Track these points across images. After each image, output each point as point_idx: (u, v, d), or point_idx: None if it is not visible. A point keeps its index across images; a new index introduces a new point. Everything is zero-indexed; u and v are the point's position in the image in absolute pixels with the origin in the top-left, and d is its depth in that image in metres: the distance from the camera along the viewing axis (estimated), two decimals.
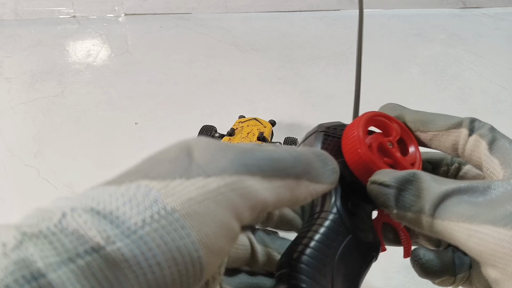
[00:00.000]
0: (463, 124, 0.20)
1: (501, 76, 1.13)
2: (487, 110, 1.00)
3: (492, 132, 0.19)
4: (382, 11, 1.50)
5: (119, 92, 1.08)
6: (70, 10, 1.48)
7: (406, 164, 0.19)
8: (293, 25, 1.41)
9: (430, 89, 1.08)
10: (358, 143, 0.19)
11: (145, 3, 1.49)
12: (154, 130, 0.94)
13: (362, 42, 0.21)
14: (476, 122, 0.19)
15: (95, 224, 0.10)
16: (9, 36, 1.37)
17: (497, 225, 0.14)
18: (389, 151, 0.20)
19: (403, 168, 0.19)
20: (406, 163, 0.19)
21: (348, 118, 0.25)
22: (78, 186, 0.80)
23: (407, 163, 0.20)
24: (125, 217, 0.11)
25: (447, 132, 0.20)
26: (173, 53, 1.26)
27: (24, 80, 1.14)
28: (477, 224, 0.14)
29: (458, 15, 1.48)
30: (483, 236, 0.14)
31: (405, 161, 0.20)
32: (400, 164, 0.19)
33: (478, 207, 0.15)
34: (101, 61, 1.23)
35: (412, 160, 0.20)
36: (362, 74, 0.27)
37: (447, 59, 1.21)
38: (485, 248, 0.14)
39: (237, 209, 0.13)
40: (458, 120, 0.20)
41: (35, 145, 0.91)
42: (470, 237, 0.14)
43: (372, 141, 0.19)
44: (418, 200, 0.16)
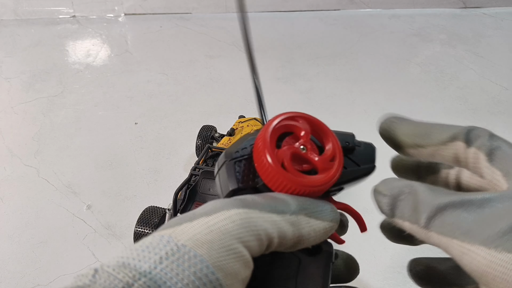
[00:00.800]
0: (459, 136, 0.19)
1: (501, 75, 1.13)
2: (487, 109, 1.00)
3: (491, 140, 0.18)
4: (382, 11, 1.50)
5: (119, 92, 1.08)
6: (70, 10, 1.48)
7: (325, 164, 0.18)
8: (293, 25, 1.41)
9: (431, 89, 1.08)
10: (269, 167, 0.17)
11: (145, 3, 1.49)
12: (154, 130, 0.94)
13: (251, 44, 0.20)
14: (473, 132, 0.18)
15: (121, 270, 0.13)
16: (9, 36, 1.37)
17: (488, 246, 0.14)
18: (305, 157, 0.19)
19: (323, 169, 0.18)
20: (325, 162, 0.18)
21: (348, 117, 0.25)
22: (78, 186, 0.80)
23: (326, 162, 0.18)
24: (145, 259, 0.13)
25: (445, 146, 0.19)
26: (173, 53, 1.26)
27: (24, 80, 1.14)
28: (469, 243, 0.14)
29: (459, 15, 1.48)
30: (475, 256, 0.14)
31: (323, 161, 0.18)
32: (319, 166, 0.18)
33: (471, 224, 0.15)
34: (101, 61, 1.23)
35: (331, 155, 0.19)
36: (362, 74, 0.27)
37: (447, 59, 1.21)
38: (477, 268, 0.14)
39: (241, 237, 0.14)
40: (453, 132, 0.19)
41: (34, 145, 0.91)
42: (463, 255, 0.14)
43: (284, 156, 0.18)
44: (414, 212, 0.16)
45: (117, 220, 0.73)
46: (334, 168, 0.18)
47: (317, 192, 0.18)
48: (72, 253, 0.67)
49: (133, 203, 0.76)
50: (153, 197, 0.77)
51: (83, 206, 0.75)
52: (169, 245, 0.13)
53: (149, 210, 0.65)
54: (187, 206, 0.60)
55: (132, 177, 0.81)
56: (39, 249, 0.68)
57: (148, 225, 0.62)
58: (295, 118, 0.20)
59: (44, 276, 0.64)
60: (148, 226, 0.62)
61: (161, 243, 0.14)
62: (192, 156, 0.86)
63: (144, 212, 0.64)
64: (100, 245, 0.68)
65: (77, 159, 0.87)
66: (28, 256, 0.67)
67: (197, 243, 0.14)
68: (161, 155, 0.87)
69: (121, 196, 0.77)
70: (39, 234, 0.70)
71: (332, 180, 0.18)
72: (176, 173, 0.82)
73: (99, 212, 0.74)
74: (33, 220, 0.73)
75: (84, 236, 0.70)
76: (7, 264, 0.66)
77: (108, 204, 0.76)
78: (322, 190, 0.18)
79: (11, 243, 0.69)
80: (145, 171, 0.83)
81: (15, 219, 0.73)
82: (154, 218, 0.63)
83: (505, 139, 0.18)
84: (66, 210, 0.75)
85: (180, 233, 0.14)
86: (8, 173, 0.83)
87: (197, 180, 0.62)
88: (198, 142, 0.82)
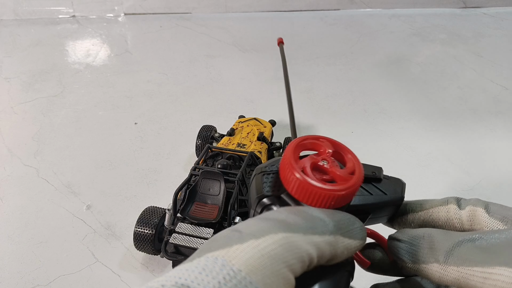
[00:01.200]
0: (449, 200, 0.21)
1: (501, 75, 1.13)
2: (487, 109, 1.00)
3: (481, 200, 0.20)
4: (382, 11, 1.50)
5: (119, 92, 1.08)
6: (69, 10, 1.48)
7: (345, 176, 0.20)
8: (293, 25, 1.41)
9: (431, 89, 1.08)
10: (292, 171, 0.19)
11: (144, 3, 1.48)
12: (154, 130, 0.94)
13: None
14: (462, 199, 0.21)
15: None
16: (9, 36, 1.37)
17: (511, 265, 0.15)
18: (325, 169, 0.20)
19: (343, 180, 0.20)
20: (344, 174, 0.20)
21: (348, 117, 0.25)
22: (77, 186, 0.80)
23: (346, 174, 0.20)
24: (204, 283, 0.13)
25: (437, 209, 0.21)
26: (173, 53, 1.26)
27: (23, 80, 1.14)
28: (491, 267, 0.15)
29: (459, 15, 1.48)
30: (498, 277, 0.15)
31: (343, 173, 0.20)
32: (338, 177, 0.20)
33: (490, 252, 0.16)
34: (101, 61, 1.23)
35: (350, 170, 0.20)
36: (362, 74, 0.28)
37: (447, 59, 1.21)
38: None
39: (288, 261, 0.15)
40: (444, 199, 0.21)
41: (34, 145, 0.91)
42: (486, 280, 0.15)
43: (304, 164, 0.20)
44: (431, 252, 0.18)
45: (117, 220, 0.72)
46: (354, 178, 0.20)
47: (338, 200, 0.19)
48: (72, 253, 0.67)
49: (133, 203, 0.76)
50: (153, 197, 0.77)
51: (82, 206, 0.75)
52: (225, 269, 0.14)
53: (149, 210, 0.64)
54: (187, 206, 0.60)
55: (132, 177, 0.81)
56: (38, 249, 0.68)
57: (148, 225, 0.62)
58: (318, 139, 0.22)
59: (43, 276, 0.64)
60: (148, 226, 0.62)
61: (217, 266, 0.14)
62: (192, 156, 0.86)
63: (144, 212, 0.64)
64: (100, 245, 0.68)
65: (77, 159, 0.86)
66: (27, 256, 0.67)
67: (251, 269, 0.14)
68: (161, 155, 0.87)
69: (120, 196, 0.77)
70: (38, 234, 0.70)
71: (352, 187, 0.19)
72: (176, 173, 0.82)
73: (99, 212, 0.74)
74: (32, 220, 0.73)
75: (84, 236, 0.70)
76: (6, 264, 0.66)
77: (108, 204, 0.76)
78: (342, 196, 0.19)
79: (10, 243, 0.69)
80: (145, 171, 0.83)
81: (14, 219, 0.73)
82: (154, 218, 0.62)
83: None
84: (65, 210, 0.75)
85: (233, 256, 0.14)
86: (8, 173, 0.83)
87: (197, 180, 0.62)
88: (198, 142, 0.82)
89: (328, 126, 0.94)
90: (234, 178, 0.61)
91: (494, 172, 0.82)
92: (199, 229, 0.57)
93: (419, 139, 0.91)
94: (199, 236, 0.56)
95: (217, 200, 0.60)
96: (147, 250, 0.62)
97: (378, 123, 0.95)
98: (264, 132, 0.79)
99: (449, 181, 0.80)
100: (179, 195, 0.61)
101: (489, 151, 0.87)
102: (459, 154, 0.87)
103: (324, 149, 0.21)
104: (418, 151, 0.87)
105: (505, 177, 0.81)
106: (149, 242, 0.61)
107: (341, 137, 0.91)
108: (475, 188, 0.78)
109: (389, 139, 0.91)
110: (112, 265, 0.65)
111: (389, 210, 0.22)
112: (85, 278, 0.63)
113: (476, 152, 0.87)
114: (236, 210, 0.60)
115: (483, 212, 0.19)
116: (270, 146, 0.79)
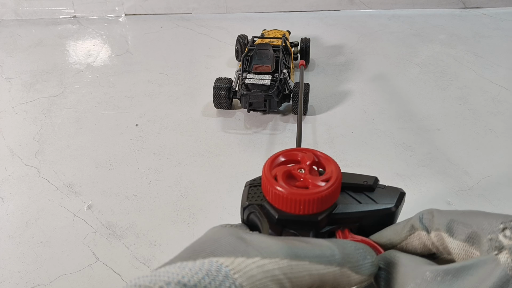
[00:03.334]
0: (415, 226, 0.20)
1: (501, 76, 1.13)
2: (486, 110, 1.00)
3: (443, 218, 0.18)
4: (382, 11, 1.50)
5: (120, 92, 1.09)
6: (70, 10, 1.48)
7: (315, 182, 0.21)
8: (293, 25, 1.41)
9: (430, 89, 1.08)
10: (266, 180, 0.21)
11: (145, 3, 1.49)
12: (154, 130, 0.94)
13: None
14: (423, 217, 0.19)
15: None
16: (10, 36, 1.37)
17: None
18: (299, 176, 0.22)
19: (313, 186, 0.21)
20: (315, 180, 0.21)
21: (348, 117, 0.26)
22: (78, 186, 0.80)
23: (317, 180, 0.21)
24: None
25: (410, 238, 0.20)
26: (173, 53, 1.26)
27: (24, 80, 1.14)
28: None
29: (458, 15, 1.48)
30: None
31: (314, 179, 0.21)
32: (310, 183, 0.21)
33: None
34: (102, 61, 1.23)
35: (325, 177, 0.21)
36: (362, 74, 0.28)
37: (447, 59, 1.21)
38: None
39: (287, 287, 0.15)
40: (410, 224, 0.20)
41: (35, 145, 0.91)
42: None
43: (276, 171, 0.21)
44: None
45: (117, 220, 0.73)
46: (326, 186, 0.20)
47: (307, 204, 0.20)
48: (73, 252, 0.67)
49: (134, 202, 0.76)
50: (153, 197, 0.77)
51: (83, 206, 0.76)
52: (228, 281, 0.14)
53: (220, 79, 0.95)
54: (250, 67, 0.93)
55: (132, 177, 0.82)
56: (39, 249, 0.68)
57: (222, 89, 0.93)
58: (302, 150, 0.23)
59: (44, 275, 0.64)
60: (221, 89, 0.93)
61: (220, 275, 0.14)
62: (192, 156, 0.86)
63: (217, 80, 0.95)
64: (101, 245, 0.69)
65: (77, 159, 0.87)
66: (28, 256, 0.67)
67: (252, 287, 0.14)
68: (162, 155, 0.87)
69: (121, 196, 0.77)
70: (39, 234, 0.71)
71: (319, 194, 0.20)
72: (176, 173, 0.82)
73: (100, 212, 0.74)
74: (33, 220, 0.73)
75: (85, 235, 0.70)
76: (7, 263, 0.66)
77: (109, 204, 0.76)
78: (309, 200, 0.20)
79: (11, 243, 0.69)
80: (145, 171, 0.83)
81: (15, 219, 0.74)
82: (225, 83, 0.94)
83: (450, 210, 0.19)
84: (66, 210, 0.75)
85: (238, 269, 0.15)
86: (9, 173, 0.84)
87: (254, 51, 0.95)
88: (236, 47, 1.16)
89: (328, 126, 0.94)
90: (278, 48, 0.95)
91: (493, 172, 0.82)
92: (261, 76, 0.90)
93: (419, 139, 0.91)
94: (262, 78, 0.89)
95: (269, 61, 0.93)
96: (223, 105, 0.94)
97: (378, 123, 0.95)
98: (285, 34, 1.11)
99: (448, 181, 0.80)
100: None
101: (488, 151, 0.88)
102: (458, 154, 0.87)
103: (304, 160, 0.22)
104: (418, 151, 0.88)
105: (505, 177, 0.81)
106: (224, 99, 0.93)
107: (340, 137, 0.91)
108: (475, 188, 0.78)
109: (389, 139, 0.91)
110: (113, 264, 0.65)
111: (382, 220, 0.22)
112: (86, 277, 0.64)
113: (475, 152, 0.87)
114: (282, 68, 0.92)
115: (447, 236, 0.18)
116: (290, 44, 1.10)
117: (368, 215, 0.22)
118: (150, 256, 0.66)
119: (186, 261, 0.15)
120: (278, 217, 0.21)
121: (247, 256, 0.15)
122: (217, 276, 0.14)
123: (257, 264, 0.15)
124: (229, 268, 0.14)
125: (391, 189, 0.23)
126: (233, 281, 0.14)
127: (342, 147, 0.88)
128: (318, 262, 0.16)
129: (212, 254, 0.15)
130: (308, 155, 0.23)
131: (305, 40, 1.15)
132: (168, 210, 0.74)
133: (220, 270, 0.14)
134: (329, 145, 0.89)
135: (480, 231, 0.16)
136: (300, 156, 0.23)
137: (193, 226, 0.72)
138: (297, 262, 0.16)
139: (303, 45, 1.13)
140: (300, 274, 0.16)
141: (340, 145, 0.89)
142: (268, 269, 0.15)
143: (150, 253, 0.67)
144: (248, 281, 0.14)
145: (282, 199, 0.20)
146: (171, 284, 0.13)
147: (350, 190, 0.23)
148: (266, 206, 0.21)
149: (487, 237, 0.16)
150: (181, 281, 0.14)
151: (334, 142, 0.90)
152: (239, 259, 0.15)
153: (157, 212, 0.74)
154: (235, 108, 0.97)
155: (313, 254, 0.17)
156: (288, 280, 0.15)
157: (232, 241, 0.16)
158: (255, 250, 0.15)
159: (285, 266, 0.15)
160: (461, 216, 0.18)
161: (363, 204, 0.22)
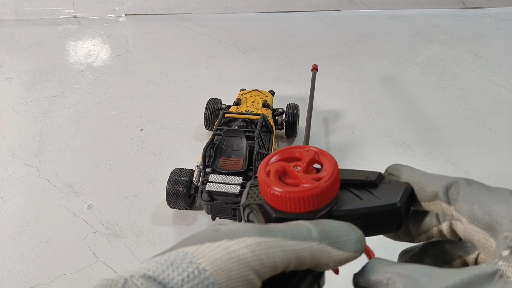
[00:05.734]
0: (440, 195, 0.19)
1: (501, 76, 1.13)
2: (486, 110, 1.00)
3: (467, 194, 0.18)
4: (382, 11, 1.51)
5: (120, 92, 1.09)
6: (70, 11, 1.48)
7: (307, 180, 0.21)
8: (293, 25, 1.41)
9: (430, 89, 1.08)
10: (260, 179, 0.21)
11: (145, 4, 1.49)
12: (155, 130, 0.95)
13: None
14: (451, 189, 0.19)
15: (148, 285, 0.14)
16: (10, 36, 1.37)
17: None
18: (293, 173, 0.21)
19: (308, 183, 0.20)
20: (308, 178, 0.21)
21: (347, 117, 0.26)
22: (79, 186, 0.80)
23: (309, 178, 0.21)
24: (169, 278, 0.14)
25: (432, 203, 0.20)
26: (173, 53, 1.26)
27: (24, 80, 1.14)
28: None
29: (458, 15, 1.48)
30: None
31: (307, 177, 0.21)
32: (301, 181, 0.21)
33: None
34: (102, 61, 1.23)
35: (319, 175, 0.21)
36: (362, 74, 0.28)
37: (447, 59, 1.21)
38: None
39: (257, 268, 0.15)
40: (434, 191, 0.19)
41: (35, 145, 0.91)
42: None
43: (271, 168, 0.22)
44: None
45: (117, 220, 0.73)
46: (316, 184, 0.20)
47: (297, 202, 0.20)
48: (73, 252, 0.68)
49: (134, 202, 0.76)
50: (153, 197, 0.77)
51: (84, 206, 0.76)
52: (192, 267, 0.14)
53: (177, 171, 0.72)
54: (214, 161, 0.67)
55: (132, 177, 0.82)
56: (40, 249, 0.68)
57: (179, 184, 0.69)
58: (302, 147, 0.23)
59: (44, 275, 0.64)
60: (179, 185, 0.69)
61: (184, 263, 0.14)
62: (192, 155, 0.86)
63: (173, 173, 0.71)
64: (101, 245, 0.69)
65: (78, 159, 0.87)
66: (28, 256, 0.67)
67: (217, 270, 0.14)
68: (162, 154, 0.87)
69: (121, 196, 0.78)
70: (40, 234, 0.71)
71: (312, 191, 0.20)
72: None
73: (100, 212, 0.74)
74: (34, 219, 0.73)
75: (85, 235, 0.70)
76: (8, 263, 0.66)
77: (109, 204, 0.76)
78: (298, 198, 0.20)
79: (12, 243, 0.69)
80: (145, 171, 0.83)
81: (16, 218, 0.74)
82: (183, 177, 0.70)
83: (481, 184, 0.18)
84: (67, 210, 0.75)
85: (202, 254, 0.15)
86: (9, 173, 0.84)
87: (221, 139, 0.70)
88: (206, 113, 0.90)
89: (328, 127, 0.94)
90: (253, 134, 0.70)
91: (493, 172, 0.82)
92: (229, 178, 0.65)
93: (419, 139, 0.91)
94: (230, 183, 0.64)
95: (241, 153, 0.68)
96: (179, 205, 0.71)
97: (378, 123, 0.96)
98: (267, 100, 0.87)
99: None
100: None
101: (488, 151, 0.88)
102: (458, 154, 0.87)
103: (303, 158, 0.22)
104: (418, 151, 0.88)
105: (505, 177, 0.81)
106: (181, 198, 0.69)
107: (340, 138, 0.91)
108: None
109: (389, 139, 0.91)
110: (113, 264, 0.66)
111: (387, 216, 0.21)
112: (86, 277, 0.64)
113: (475, 152, 0.87)
114: (259, 161, 0.67)
115: (466, 222, 0.18)
116: (274, 112, 0.87)
117: (370, 211, 0.21)
118: (150, 256, 0.66)
119: (157, 256, 0.15)
120: (275, 216, 0.20)
121: (214, 241, 0.15)
122: (181, 264, 0.14)
123: (223, 247, 0.15)
124: (193, 255, 0.15)
125: (396, 184, 0.22)
126: (197, 266, 0.14)
127: (342, 147, 0.89)
128: (292, 238, 0.16)
129: (181, 245, 0.15)
130: (308, 152, 0.22)
131: (292, 107, 0.88)
132: (168, 210, 0.74)
133: (185, 258, 0.14)
134: (329, 145, 0.89)
135: (498, 226, 0.16)
136: (298, 153, 0.23)
137: (193, 226, 0.72)
138: (268, 238, 0.16)
139: (289, 112, 0.87)
140: (271, 250, 0.15)
141: (340, 145, 0.89)
142: (233, 249, 0.15)
143: (150, 253, 0.67)
144: (212, 264, 0.14)
145: (276, 198, 0.20)
146: (134, 276, 0.14)
147: (352, 187, 0.22)
148: (264, 206, 0.21)
149: (503, 234, 0.16)
150: (146, 274, 0.14)
151: (334, 142, 0.90)
152: (205, 244, 0.15)
153: (157, 212, 0.74)
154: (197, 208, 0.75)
155: (286, 230, 0.16)
156: (257, 258, 0.15)
157: (205, 231, 0.16)
158: (223, 234, 0.15)
159: (253, 243, 0.15)
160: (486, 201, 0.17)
161: (365, 201, 0.21)
